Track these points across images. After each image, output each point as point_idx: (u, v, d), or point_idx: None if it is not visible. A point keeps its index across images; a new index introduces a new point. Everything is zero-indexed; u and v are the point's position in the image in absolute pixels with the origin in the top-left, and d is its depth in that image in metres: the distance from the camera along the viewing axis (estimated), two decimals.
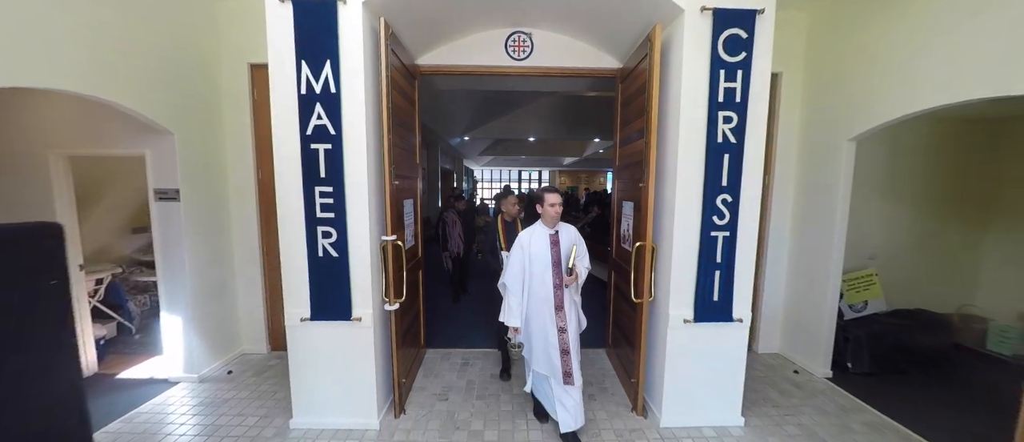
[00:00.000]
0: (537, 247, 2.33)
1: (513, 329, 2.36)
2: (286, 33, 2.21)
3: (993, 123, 3.82)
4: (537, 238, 2.34)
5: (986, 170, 3.84)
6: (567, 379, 2.33)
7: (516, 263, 2.35)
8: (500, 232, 3.16)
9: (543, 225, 2.37)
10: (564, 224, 2.40)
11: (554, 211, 2.29)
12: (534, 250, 2.33)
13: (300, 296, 2.40)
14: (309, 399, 2.51)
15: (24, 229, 0.93)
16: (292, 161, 2.29)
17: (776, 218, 3.59)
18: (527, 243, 2.35)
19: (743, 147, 2.36)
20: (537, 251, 2.32)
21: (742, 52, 2.29)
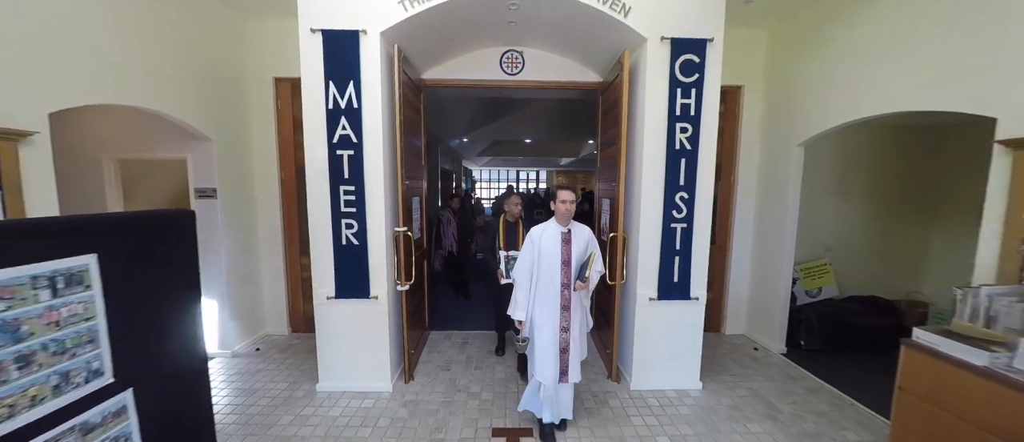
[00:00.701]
0: (548, 243, 2.32)
1: (518, 322, 2.40)
2: (317, 59, 2.68)
3: (935, 130, 4.31)
4: (549, 235, 2.34)
5: (929, 171, 4.32)
6: (562, 377, 2.35)
7: (525, 258, 2.37)
8: (501, 232, 3.32)
9: (556, 222, 2.36)
10: (579, 224, 2.40)
11: (565, 208, 2.29)
12: (544, 246, 2.32)
13: (326, 278, 2.87)
14: (332, 366, 2.99)
15: (172, 213, 1.40)
16: (321, 165, 2.77)
17: (740, 214, 4.07)
18: (538, 238, 2.35)
19: (697, 153, 2.85)
20: (547, 247, 2.32)
21: (695, 74, 2.77)
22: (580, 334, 2.41)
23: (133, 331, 1.21)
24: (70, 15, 2.26)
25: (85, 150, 3.41)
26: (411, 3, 2.68)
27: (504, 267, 3.26)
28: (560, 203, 2.31)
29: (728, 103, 3.97)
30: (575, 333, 2.37)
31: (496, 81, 3.78)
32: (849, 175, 4.33)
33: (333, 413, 2.72)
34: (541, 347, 2.34)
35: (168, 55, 2.89)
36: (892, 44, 2.67)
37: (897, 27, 2.64)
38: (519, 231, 3.28)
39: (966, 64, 2.26)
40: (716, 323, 4.22)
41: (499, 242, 3.31)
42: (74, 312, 1.06)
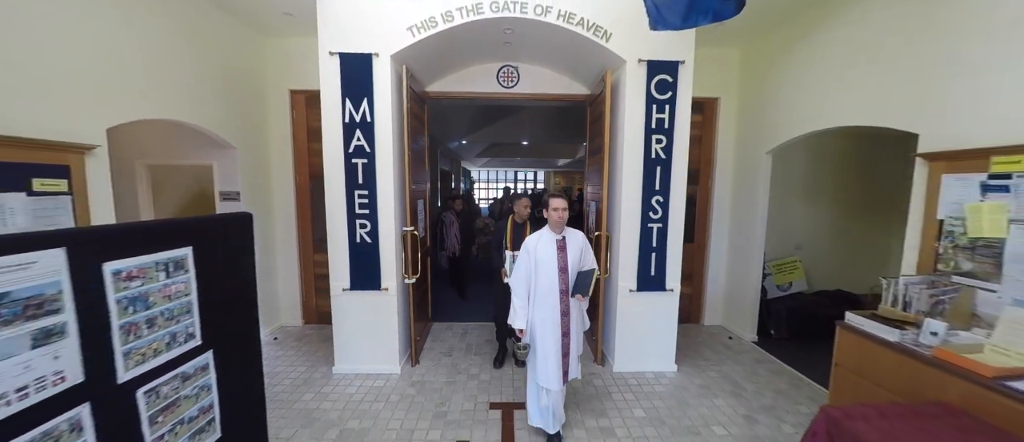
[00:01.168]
0: (544, 252, 2.35)
1: (519, 330, 2.41)
2: (334, 78, 3.05)
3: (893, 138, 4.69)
4: (544, 243, 2.37)
5: (888, 175, 4.71)
6: (564, 378, 2.42)
7: (522, 267, 2.39)
8: (508, 232, 3.35)
9: (549, 230, 2.40)
10: (572, 230, 2.45)
11: (557, 216, 2.32)
12: (540, 255, 2.35)
13: (342, 272, 3.24)
14: (347, 351, 3.35)
15: (237, 216, 1.76)
16: (338, 171, 3.14)
17: (717, 215, 4.46)
18: (533, 247, 2.37)
19: (671, 161, 3.23)
20: (543, 256, 2.35)
21: (669, 92, 3.16)
22: (578, 336, 2.47)
23: (212, 306, 1.58)
24: (122, 43, 2.62)
25: (120, 156, 3.77)
26: (418, 29, 3.05)
27: (508, 267, 3.27)
28: (552, 211, 2.33)
29: (706, 113, 4.36)
30: (574, 337, 2.43)
31: (493, 93, 4.16)
32: (817, 179, 4.73)
33: (349, 391, 3.09)
34: (543, 354, 2.38)
35: (200, 72, 3.25)
36: (842, 65, 3.05)
37: (846, 51, 3.02)
38: (527, 232, 3.27)
39: (898, 87, 2.64)
40: (695, 315, 4.61)
41: (506, 242, 3.32)
42: (178, 289, 1.43)
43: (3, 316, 0.96)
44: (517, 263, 2.45)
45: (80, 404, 1.13)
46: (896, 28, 2.64)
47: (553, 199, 2.35)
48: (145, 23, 2.77)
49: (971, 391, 1.78)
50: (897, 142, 4.68)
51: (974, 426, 1.64)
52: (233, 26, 3.63)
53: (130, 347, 1.26)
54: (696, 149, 4.38)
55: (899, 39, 2.63)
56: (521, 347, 2.42)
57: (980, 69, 2.19)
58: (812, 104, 3.34)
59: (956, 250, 2.29)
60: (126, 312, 1.24)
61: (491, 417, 2.79)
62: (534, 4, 3.01)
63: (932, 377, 1.93)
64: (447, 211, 5.66)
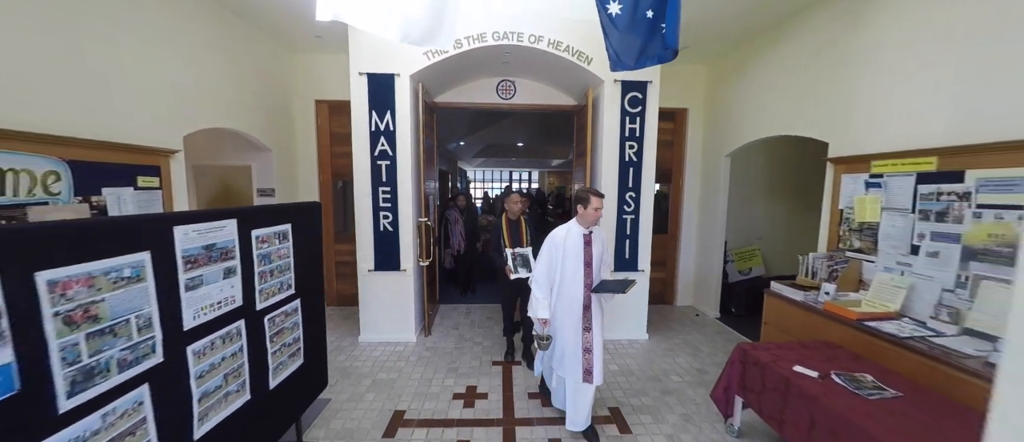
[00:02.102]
0: (572, 245, 2.40)
1: (541, 321, 2.44)
2: (363, 94, 3.71)
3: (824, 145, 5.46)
4: (573, 236, 2.42)
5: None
6: (586, 377, 2.41)
7: (545, 258, 2.45)
8: (504, 230, 3.45)
9: (578, 224, 2.45)
10: (597, 228, 2.53)
11: (597, 214, 2.39)
12: (569, 247, 2.40)
13: (368, 256, 3.90)
14: (371, 322, 4.01)
15: (311, 204, 2.41)
16: (366, 172, 3.79)
17: (687, 210, 5.19)
18: (562, 240, 2.42)
19: (641, 164, 3.93)
20: (571, 248, 2.40)
21: (639, 106, 3.86)
22: (600, 334, 2.46)
23: (299, 267, 2.23)
24: (191, 66, 3.27)
25: None
26: (433, 54, 3.72)
27: (512, 263, 3.34)
28: (593, 210, 2.37)
29: (677, 121, 5.08)
30: (597, 332, 2.44)
31: (493, 104, 4.84)
32: (774, 179, 5.47)
33: (375, 354, 3.75)
34: (562, 346, 2.47)
35: (245, 86, 3.89)
36: (779, 82, 3.78)
37: (782, 70, 3.74)
38: (522, 228, 3.46)
39: (817, 104, 3.37)
40: (669, 297, 5.33)
41: (504, 240, 3.42)
42: (283, 253, 2.09)
43: (213, 257, 1.62)
44: (541, 255, 2.50)
45: (239, 319, 1.79)
46: (817, 53, 3.36)
47: (595, 197, 2.38)
48: (207, 49, 3.41)
49: (844, 331, 2.50)
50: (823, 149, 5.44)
51: (837, 353, 2.36)
52: (270, 45, 4.27)
53: (262, 287, 1.92)
54: (668, 152, 5.10)
55: (819, 62, 3.35)
56: (543, 338, 2.47)
57: (869, 93, 2.91)
58: (757, 115, 4.06)
59: (850, 232, 3.01)
60: (261, 263, 1.90)
61: (494, 370, 3.47)
62: (528, 34, 3.69)
63: (822, 324, 2.65)
64: (451, 208, 5.68)
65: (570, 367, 2.45)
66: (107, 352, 1.20)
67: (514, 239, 3.43)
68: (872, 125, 2.89)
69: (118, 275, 1.23)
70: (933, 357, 2.02)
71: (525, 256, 3.38)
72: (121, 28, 2.66)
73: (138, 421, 1.30)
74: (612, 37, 2.48)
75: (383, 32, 2.23)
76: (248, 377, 1.83)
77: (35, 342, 1.03)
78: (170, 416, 1.42)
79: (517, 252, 3.39)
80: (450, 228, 5.53)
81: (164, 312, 1.39)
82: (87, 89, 2.44)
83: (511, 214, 3.50)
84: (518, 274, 3.31)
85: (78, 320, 1.12)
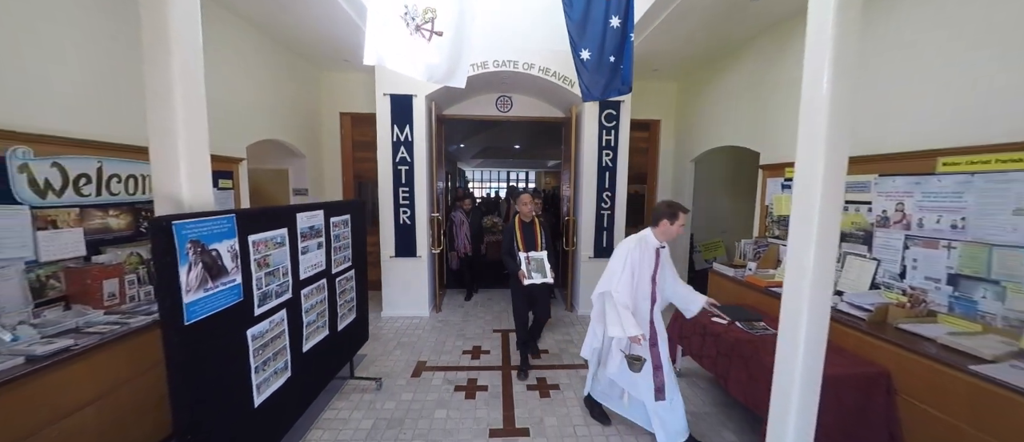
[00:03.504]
0: (646, 256, 2.35)
1: (632, 339, 2.23)
2: (387, 112, 4.57)
3: None
4: (647, 247, 2.38)
5: None
6: (658, 395, 2.35)
7: (627, 270, 2.31)
8: (518, 233, 3.31)
9: (654, 236, 2.39)
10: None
11: (681, 230, 2.34)
12: (643, 258, 2.33)
13: (390, 244, 4.76)
14: (392, 299, 4.88)
15: (357, 201, 3.26)
16: (388, 175, 4.66)
17: None
18: (635, 249, 2.35)
19: (616, 168, 4.82)
20: (645, 260, 2.34)
21: (614, 121, 4.75)
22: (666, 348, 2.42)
23: (354, 246, 3.10)
24: (249, 87, 4.13)
25: None
26: None
27: (525, 268, 3.24)
28: (678, 225, 2.31)
29: (651, 131, 5.98)
30: (663, 347, 2.39)
31: (493, 116, 5.72)
32: (738, 180, 6.38)
33: (396, 325, 4.63)
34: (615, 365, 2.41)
35: (288, 104, 4.75)
36: (730, 100, 4.67)
37: (733, 88, 4.64)
38: (536, 231, 3.36)
39: (753, 119, 4.26)
40: None
41: (517, 243, 3.28)
42: (346, 235, 2.95)
43: (312, 234, 2.49)
44: (620, 265, 2.35)
45: (323, 278, 2.66)
46: (756, 77, 4.25)
47: (683, 214, 2.32)
48: (262, 75, 4.26)
49: (758, 296, 3.39)
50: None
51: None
52: (306, 68, 5.13)
53: (335, 258, 2.79)
54: (644, 158, 6.00)
55: (757, 85, 4.24)
56: (635, 358, 2.27)
57: (784, 113, 3.80)
58: (715, 127, 4.96)
59: (772, 223, 3.91)
60: (335, 241, 2.77)
61: (494, 336, 4.35)
62: (522, 62, 4.57)
63: (744, 292, 3.54)
64: (456, 210, 5.71)
65: (643, 387, 2.39)
66: (271, 286, 2.06)
67: (528, 242, 3.31)
68: (787, 139, 3.78)
69: (274, 240, 2.10)
70: None
71: (540, 261, 3.28)
72: (209, 63, 3.51)
73: (280, 332, 2.17)
74: (583, 76, 3.36)
75: (412, 74, 3.10)
76: (327, 318, 2.70)
77: (247, 274, 1.89)
78: (293, 332, 2.29)
79: (532, 256, 3.27)
80: (455, 230, 5.60)
81: (293, 266, 2.26)
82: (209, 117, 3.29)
83: (524, 216, 3.37)
84: (532, 280, 3.21)
85: (262, 264, 1.99)
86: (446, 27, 3.15)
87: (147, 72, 1.76)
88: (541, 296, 3.44)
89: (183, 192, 1.78)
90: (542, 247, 3.33)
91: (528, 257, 3.27)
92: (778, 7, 3.49)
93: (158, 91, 1.75)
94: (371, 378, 3.30)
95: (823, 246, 1.61)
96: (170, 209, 1.77)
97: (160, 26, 1.72)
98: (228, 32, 3.71)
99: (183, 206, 1.78)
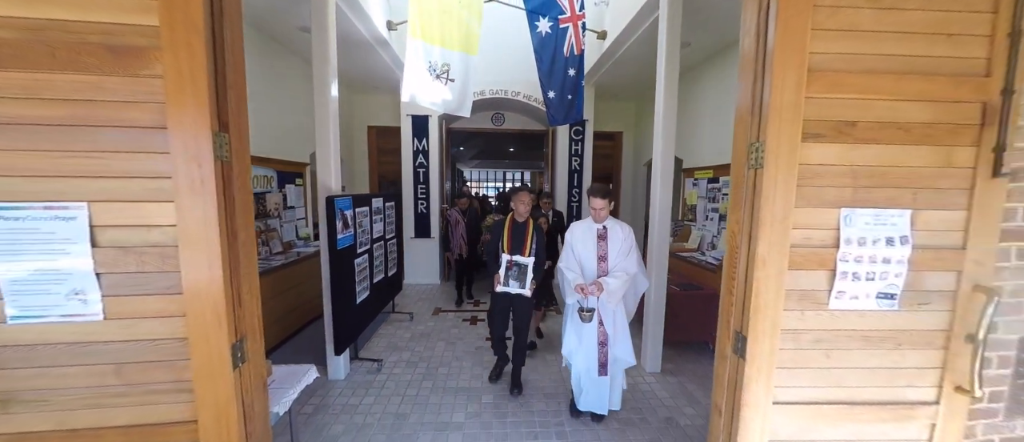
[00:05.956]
0: (585, 237, 2.61)
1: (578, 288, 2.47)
2: (409, 128, 6.25)
3: None
4: (586, 229, 2.65)
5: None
6: (602, 371, 2.55)
7: (568, 247, 2.68)
8: (506, 233, 3.06)
9: (590, 220, 2.65)
10: (617, 222, 2.63)
11: (595, 213, 2.56)
12: (583, 239, 2.58)
13: (410, 227, 6.42)
14: (411, 270, 6.54)
15: (392, 192, 4.91)
16: (410, 175, 6.32)
17: (624, 203, 7.78)
18: (570, 234, 2.68)
19: (583, 170, 6.51)
20: (584, 241, 2.60)
21: (581, 135, 6.44)
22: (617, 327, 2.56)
23: (396, 223, 4.75)
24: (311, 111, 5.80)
25: None
26: None
27: (504, 273, 3.03)
28: (591, 209, 2.57)
29: (615, 141, 7.67)
30: (610, 326, 2.54)
31: (488, 128, 7.40)
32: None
33: (416, 289, 6.28)
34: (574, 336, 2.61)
35: None
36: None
37: None
38: (528, 232, 3.07)
39: (680, 134, 5.94)
40: None
41: (503, 244, 3.04)
42: (391, 216, 4.61)
43: (374, 213, 4.14)
44: (567, 242, 2.67)
45: (380, 241, 4.31)
46: (684, 99, 5.93)
47: (594, 199, 2.54)
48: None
49: (675, 260, 5.07)
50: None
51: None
52: (346, 92, 6.79)
53: (383, 228, 4.45)
54: (610, 163, 7.69)
55: (683, 107, 5.92)
56: (587, 310, 2.50)
57: (696, 131, 5.49)
58: None
59: (687, 210, 5.60)
60: (387, 219, 4.42)
61: None
62: (511, 90, 6.26)
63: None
64: (452, 208, 5.76)
65: (580, 359, 2.61)
66: (362, 238, 3.73)
67: (515, 245, 3.03)
68: (699, 150, 5.47)
69: (364, 213, 3.76)
70: (701, 266, 4.59)
71: (523, 267, 3.02)
72: (293, 95, 5.17)
73: (365, 266, 3.82)
74: (550, 108, 5.04)
75: (434, 107, 4.76)
76: (383, 266, 4.35)
77: (354, 229, 3.55)
78: (370, 268, 3.93)
79: (515, 260, 3.02)
80: (451, 230, 5.60)
81: (372, 228, 3.92)
82: (283, 132, 4.94)
83: (519, 216, 3.13)
84: (507, 287, 3.03)
85: (359, 225, 3.65)
86: (457, 75, 4.81)
87: (318, 117, 3.42)
88: (520, 308, 3.12)
89: (331, 183, 3.43)
90: (531, 252, 3.02)
91: (511, 261, 3.01)
92: (690, 58, 5.19)
93: (322, 122, 3.41)
94: (405, 313, 4.96)
95: (661, 226, 3.28)
96: (327, 193, 3.43)
97: (323, 91, 3.38)
98: (306, 70, 5.38)
99: (331, 191, 3.44)
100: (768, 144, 1.38)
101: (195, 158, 1.22)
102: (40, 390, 1.28)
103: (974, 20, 1.37)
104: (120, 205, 1.23)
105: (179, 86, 1.19)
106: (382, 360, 3.78)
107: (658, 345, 3.65)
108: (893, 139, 1.40)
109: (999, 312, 1.53)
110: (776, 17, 1.34)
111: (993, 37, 1.37)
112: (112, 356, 1.29)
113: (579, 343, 2.62)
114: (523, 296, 3.05)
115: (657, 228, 3.52)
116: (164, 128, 1.21)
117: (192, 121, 1.21)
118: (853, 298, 1.47)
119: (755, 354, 1.47)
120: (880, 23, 1.36)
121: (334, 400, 3.05)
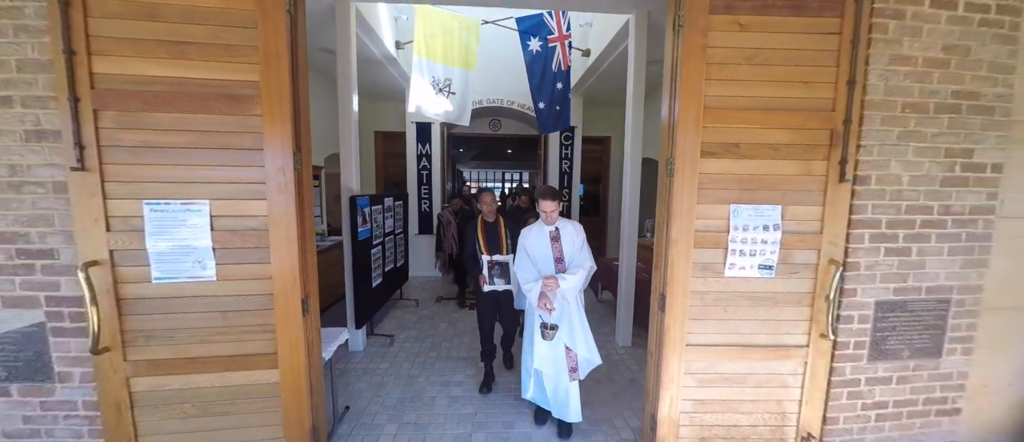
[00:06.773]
0: (538, 241, 2.54)
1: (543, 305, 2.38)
2: (413, 134, 6.80)
3: None
4: (538, 233, 2.56)
5: None
6: (573, 375, 2.50)
7: (521, 251, 2.57)
8: (480, 235, 3.14)
9: (543, 223, 2.55)
10: (567, 221, 2.61)
11: (544, 216, 2.49)
12: (536, 243, 2.53)
13: (414, 224, 6.98)
14: (415, 261, 7.09)
15: (404, 192, 5.47)
16: (414, 177, 6.88)
17: (612, 201, 8.34)
18: (523, 238, 2.58)
19: (573, 172, 7.07)
20: (538, 244, 2.54)
21: (570, 140, 7.01)
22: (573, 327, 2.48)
23: (402, 220, 5.31)
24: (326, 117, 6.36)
25: None
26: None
27: (487, 273, 3.13)
28: (541, 212, 2.49)
29: (604, 145, 8.24)
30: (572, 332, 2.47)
31: (487, 133, 7.96)
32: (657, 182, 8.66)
33: (418, 280, 6.84)
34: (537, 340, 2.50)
35: None
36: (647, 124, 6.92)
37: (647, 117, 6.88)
38: (500, 230, 3.19)
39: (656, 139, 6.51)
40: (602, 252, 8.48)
41: (479, 246, 3.14)
42: (399, 213, 5.17)
43: (386, 210, 4.71)
44: (518, 253, 2.59)
45: (391, 235, 4.87)
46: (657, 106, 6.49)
47: (544, 202, 2.47)
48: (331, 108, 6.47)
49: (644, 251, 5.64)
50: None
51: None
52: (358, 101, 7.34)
53: (393, 224, 5.01)
54: (599, 164, 8.26)
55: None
56: (550, 326, 2.43)
57: None
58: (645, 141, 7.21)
59: None
60: (394, 214, 4.99)
61: None
62: (506, 100, 6.81)
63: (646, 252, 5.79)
64: (444, 209, 5.90)
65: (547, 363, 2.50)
66: (376, 232, 4.28)
67: (491, 245, 3.14)
68: None
69: (377, 210, 4.32)
70: None
71: (504, 265, 3.13)
72: None
73: (379, 256, 4.38)
74: (540, 117, 5.60)
75: (437, 118, 5.31)
76: (394, 256, 4.91)
77: (371, 223, 4.11)
78: (384, 258, 4.49)
79: (495, 260, 3.11)
80: (443, 231, 5.62)
81: (385, 224, 4.48)
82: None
83: (487, 216, 3.26)
84: (493, 286, 3.13)
85: (374, 220, 4.21)
86: (457, 90, 5.37)
87: (341, 127, 3.97)
88: (507, 303, 3.23)
89: (353, 184, 3.99)
90: (508, 250, 3.13)
91: (491, 261, 3.10)
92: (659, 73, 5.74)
93: (345, 132, 3.97)
94: (411, 300, 5.53)
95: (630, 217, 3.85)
96: (349, 193, 3.99)
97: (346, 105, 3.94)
98: (321, 84, 5.94)
99: (353, 191, 4.00)
100: (677, 159, 1.96)
101: (281, 169, 1.79)
102: (170, 330, 1.84)
103: (823, 72, 1.93)
104: (231, 202, 1.79)
105: (272, 122, 1.75)
106: (394, 335, 4.34)
107: (629, 323, 4.22)
108: (766, 155, 1.97)
109: (858, 281, 2.11)
110: (681, 70, 1.91)
111: (836, 84, 1.93)
112: (221, 306, 1.86)
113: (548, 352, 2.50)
114: (509, 291, 3.16)
115: (627, 219, 4.07)
116: (261, 150, 1.77)
117: (280, 145, 1.77)
118: (742, 269, 2.03)
119: (672, 307, 2.03)
120: (755, 75, 1.92)
121: (356, 365, 3.61)
